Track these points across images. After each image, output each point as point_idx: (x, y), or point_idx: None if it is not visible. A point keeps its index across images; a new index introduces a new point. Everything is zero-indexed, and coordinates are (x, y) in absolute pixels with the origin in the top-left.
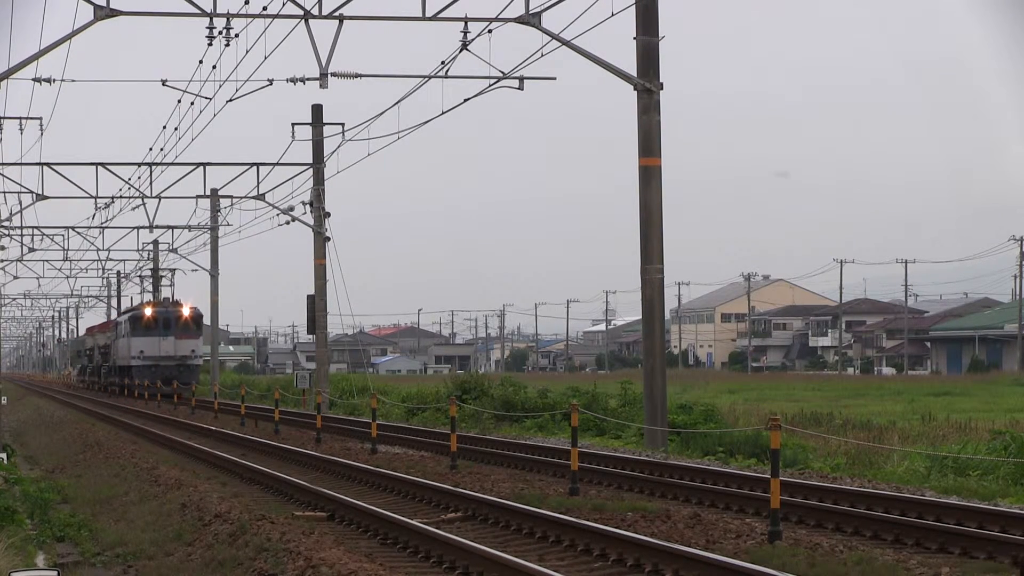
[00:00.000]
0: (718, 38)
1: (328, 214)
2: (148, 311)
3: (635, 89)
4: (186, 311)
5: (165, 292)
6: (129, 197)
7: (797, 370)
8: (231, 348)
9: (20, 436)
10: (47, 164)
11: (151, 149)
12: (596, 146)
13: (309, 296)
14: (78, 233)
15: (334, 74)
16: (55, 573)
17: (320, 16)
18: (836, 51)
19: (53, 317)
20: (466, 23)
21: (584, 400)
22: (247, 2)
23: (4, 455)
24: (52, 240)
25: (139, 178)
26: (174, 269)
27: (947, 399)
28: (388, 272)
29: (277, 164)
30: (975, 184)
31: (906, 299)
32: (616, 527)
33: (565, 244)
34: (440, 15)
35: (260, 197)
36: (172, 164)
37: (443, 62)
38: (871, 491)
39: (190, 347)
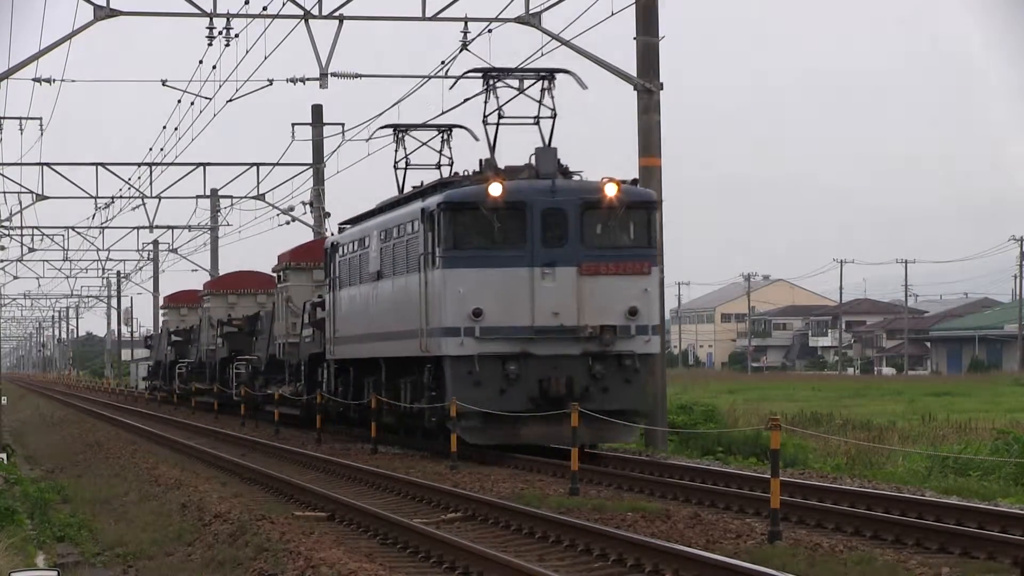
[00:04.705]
0: (718, 38)
1: (328, 214)
2: (495, 188)
3: (635, 89)
4: (611, 189)
5: (499, 150)
6: (129, 197)
7: (797, 370)
8: None
9: (20, 436)
10: (47, 164)
11: (151, 149)
12: (596, 146)
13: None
14: (78, 233)
15: (334, 74)
16: (55, 573)
17: (320, 16)
18: (836, 51)
19: (53, 317)
20: (466, 23)
21: None
22: (247, 2)
23: (4, 455)
24: (52, 240)
25: (139, 178)
26: (555, 71)
27: (947, 399)
28: None
29: (277, 164)
30: (975, 184)
31: (906, 299)
32: (616, 527)
33: None
34: (440, 15)
35: (260, 197)
36: (172, 164)
37: (443, 62)
38: (871, 491)
39: (628, 298)
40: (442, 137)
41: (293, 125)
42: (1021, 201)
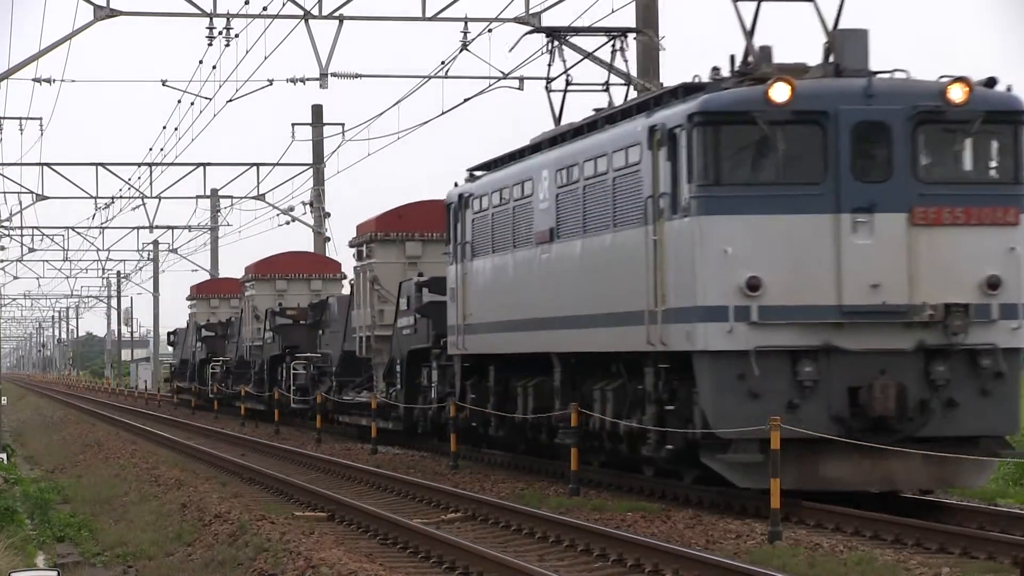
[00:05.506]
0: (718, 37)
1: (328, 214)
2: (781, 89)
3: (635, 89)
4: (957, 92)
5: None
6: (129, 197)
7: None
8: None
9: (20, 436)
10: (47, 164)
11: (151, 149)
12: None
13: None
14: (78, 233)
15: (334, 74)
16: (55, 573)
17: (320, 16)
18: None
19: (53, 317)
20: (466, 23)
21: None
22: (247, 2)
23: (4, 455)
24: (52, 240)
25: (139, 178)
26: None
27: None
28: None
29: (277, 164)
30: None
31: None
32: (616, 527)
33: None
34: (440, 15)
35: (260, 197)
36: (172, 164)
37: (443, 62)
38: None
39: (986, 262)
40: (613, 46)
41: (293, 125)
42: None
